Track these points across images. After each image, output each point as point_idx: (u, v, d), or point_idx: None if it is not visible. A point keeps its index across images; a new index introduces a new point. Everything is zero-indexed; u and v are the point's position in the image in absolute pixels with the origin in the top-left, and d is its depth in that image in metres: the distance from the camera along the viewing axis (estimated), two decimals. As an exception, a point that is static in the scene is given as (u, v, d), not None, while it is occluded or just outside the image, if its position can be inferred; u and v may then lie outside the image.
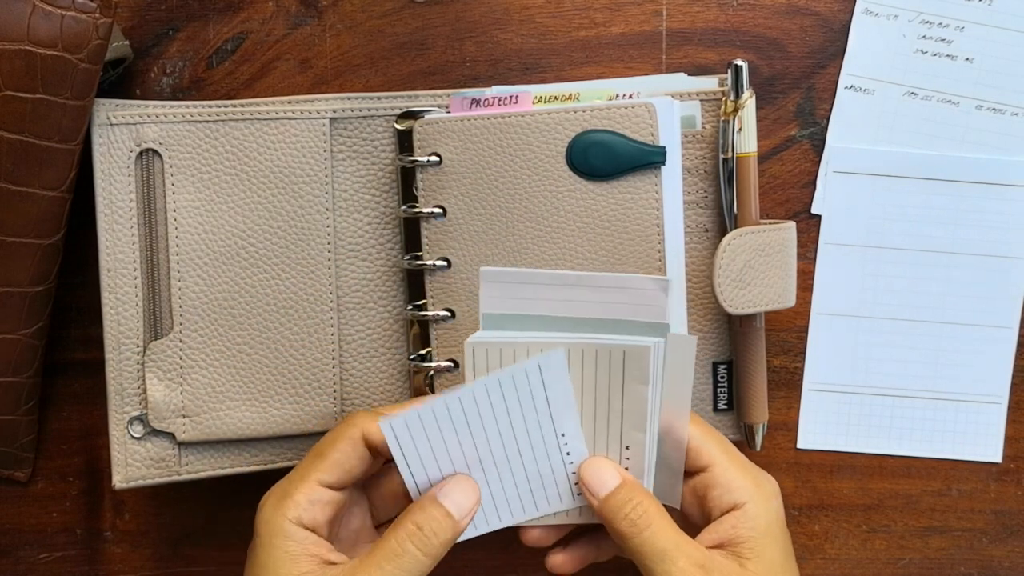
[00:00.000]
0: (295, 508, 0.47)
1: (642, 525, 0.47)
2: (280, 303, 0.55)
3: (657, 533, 0.47)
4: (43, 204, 0.53)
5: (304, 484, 0.48)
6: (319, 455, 0.48)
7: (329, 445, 0.49)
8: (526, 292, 0.49)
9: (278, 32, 0.58)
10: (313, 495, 0.47)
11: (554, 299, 0.49)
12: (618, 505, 0.48)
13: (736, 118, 0.54)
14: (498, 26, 0.58)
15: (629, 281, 0.48)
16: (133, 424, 0.55)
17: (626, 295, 0.48)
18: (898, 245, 0.59)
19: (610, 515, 0.48)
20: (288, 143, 0.54)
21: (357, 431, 0.48)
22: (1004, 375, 0.60)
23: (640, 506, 0.47)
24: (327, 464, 0.48)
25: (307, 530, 0.47)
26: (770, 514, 0.49)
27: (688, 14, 0.58)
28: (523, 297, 0.49)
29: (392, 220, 0.56)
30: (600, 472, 0.49)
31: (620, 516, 0.47)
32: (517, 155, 0.54)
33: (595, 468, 0.49)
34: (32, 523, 0.60)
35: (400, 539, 0.46)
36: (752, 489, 0.49)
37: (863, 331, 0.60)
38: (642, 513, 0.47)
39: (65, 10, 0.51)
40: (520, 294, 0.49)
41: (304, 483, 0.48)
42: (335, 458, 0.48)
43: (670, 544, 0.46)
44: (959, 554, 0.61)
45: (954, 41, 0.58)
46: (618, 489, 0.48)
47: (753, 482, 0.49)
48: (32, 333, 0.55)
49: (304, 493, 0.47)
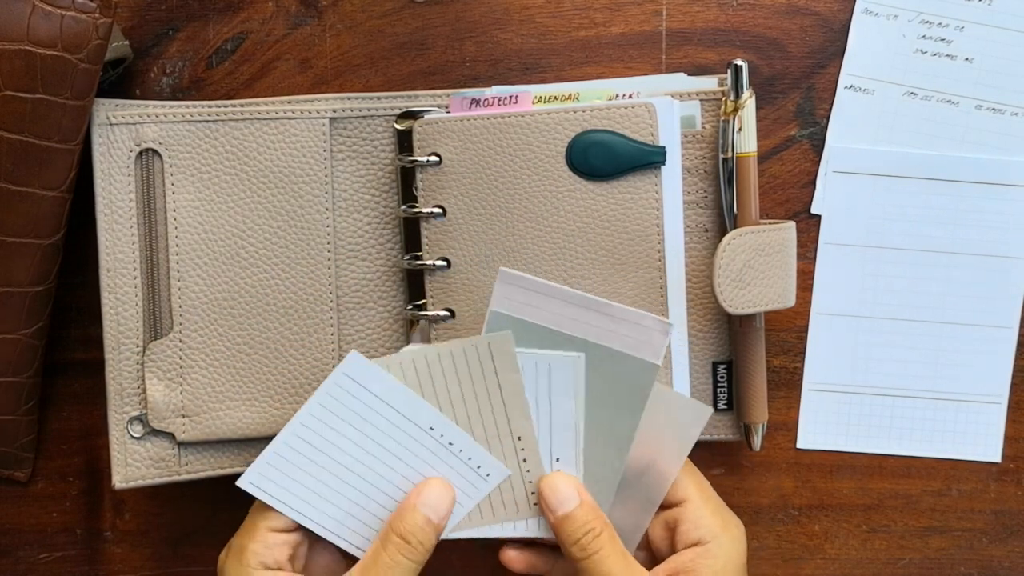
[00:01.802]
0: (254, 556, 0.49)
1: (592, 549, 0.49)
2: (280, 303, 0.55)
3: (607, 558, 0.49)
4: (43, 204, 0.53)
5: (255, 534, 0.50)
6: (262, 507, 0.50)
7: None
8: (539, 302, 0.50)
9: (278, 32, 0.58)
10: (267, 541, 0.49)
11: (562, 315, 0.50)
12: (574, 526, 0.49)
13: (736, 118, 0.54)
14: (498, 26, 0.58)
15: (638, 317, 0.50)
16: (133, 424, 0.55)
17: (630, 329, 0.50)
18: (898, 245, 0.59)
19: (564, 534, 0.49)
20: (288, 143, 0.54)
21: None
22: (1004, 375, 0.60)
23: (594, 531, 0.49)
24: (272, 512, 0.50)
25: (273, 570, 0.49)
26: (730, 556, 0.50)
27: (688, 14, 0.58)
28: (534, 305, 0.50)
29: (392, 220, 0.56)
30: (560, 489, 0.50)
31: (574, 537, 0.49)
32: (517, 155, 0.54)
33: (555, 484, 0.50)
34: (32, 523, 0.60)
35: (391, 552, 0.48)
36: (718, 530, 0.51)
37: (863, 331, 0.60)
38: (594, 538, 0.49)
39: (65, 10, 0.51)
40: (532, 302, 0.50)
41: (255, 533, 0.50)
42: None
43: (617, 569, 0.48)
44: (959, 554, 0.61)
45: (954, 41, 0.58)
46: (575, 510, 0.50)
47: (721, 523, 0.51)
48: (32, 333, 0.55)
49: (258, 542, 0.49)
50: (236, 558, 0.49)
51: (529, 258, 0.54)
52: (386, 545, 0.48)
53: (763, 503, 0.60)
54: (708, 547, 0.50)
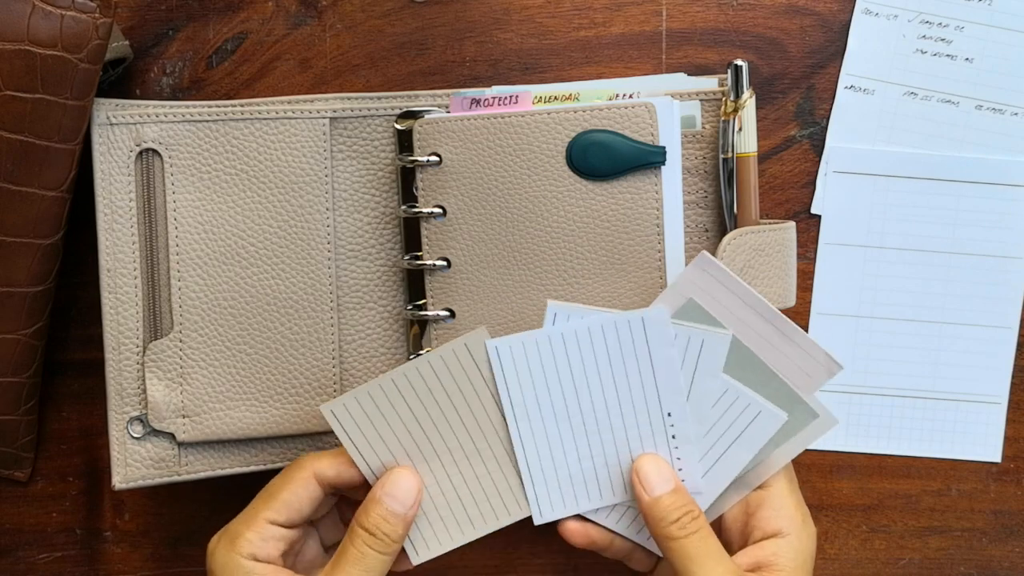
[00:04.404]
0: (247, 545, 0.48)
1: (692, 528, 0.48)
2: (280, 303, 0.55)
3: (707, 539, 0.48)
4: (43, 204, 0.53)
5: (254, 523, 0.49)
6: (269, 495, 0.50)
7: (279, 486, 0.50)
8: (724, 298, 0.50)
9: (278, 32, 0.58)
10: (265, 532, 0.49)
11: (737, 316, 0.50)
12: (671, 507, 0.49)
13: (736, 118, 0.54)
14: (498, 26, 0.58)
15: (811, 347, 0.50)
16: (133, 424, 0.55)
17: (799, 356, 0.50)
18: (898, 245, 0.59)
19: (660, 514, 0.49)
20: (288, 143, 0.54)
21: (308, 472, 0.50)
22: (1004, 375, 0.60)
23: (692, 512, 0.49)
24: (277, 503, 0.49)
25: (263, 562, 0.48)
26: (808, 553, 0.50)
27: (688, 14, 0.58)
28: (717, 300, 0.50)
29: (392, 220, 0.56)
30: (659, 470, 0.50)
31: (670, 518, 0.49)
32: (517, 155, 0.54)
33: (654, 465, 0.50)
34: (32, 523, 0.60)
35: (358, 545, 0.48)
36: (799, 523, 0.50)
37: (863, 331, 0.60)
38: (693, 519, 0.49)
39: (65, 10, 0.51)
40: (718, 296, 0.50)
41: (254, 522, 0.49)
42: (284, 498, 0.49)
43: (713, 551, 0.48)
44: (959, 554, 0.61)
45: (954, 41, 0.58)
46: (673, 492, 0.49)
47: (802, 518, 0.51)
48: (32, 333, 0.55)
49: (255, 531, 0.49)
50: (228, 545, 0.49)
51: (529, 258, 0.54)
52: (353, 538, 0.48)
53: (763, 503, 0.60)
54: (789, 539, 0.50)
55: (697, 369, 0.49)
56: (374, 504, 0.49)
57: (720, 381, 0.50)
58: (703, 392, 0.50)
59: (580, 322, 0.50)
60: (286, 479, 0.50)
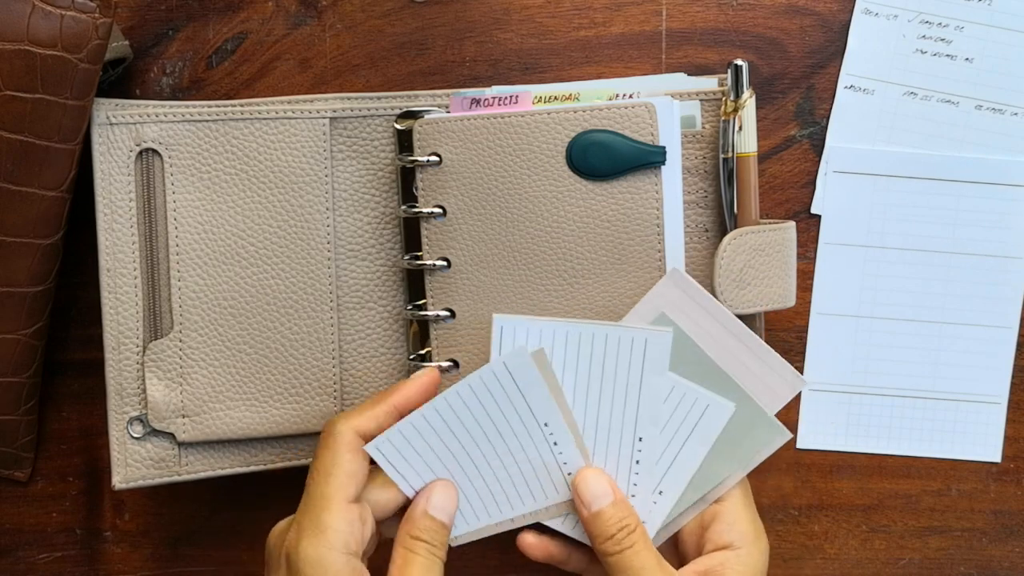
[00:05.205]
0: (338, 536, 0.46)
1: (626, 544, 0.49)
2: (280, 303, 0.55)
3: (640, 553, 0.49)
4: (43, 204, 0.53)
5: (333, 506, 0.46)
6: (327, 473, 0.47)
7: (332, 461, 0.47)
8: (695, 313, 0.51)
9: (278, 32, 0.58)
10: (349, 515, 0.46)
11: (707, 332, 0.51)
12: (607, 522, 0.49)
13: (736, 118, 0.54)
14: (498, 26, 0.58)
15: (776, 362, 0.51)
16: (133, 424, 0.55)
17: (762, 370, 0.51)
18: (898, 245, 0.59)
19: (597, 529, 0.49)
20: (288, 143, 0.54)
21: (351, 435, 0.48)
22: (1004, 375, 0.60)
23: (628, 527, 0.49)
24: (342, 479, 0.47)
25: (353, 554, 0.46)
26: (758, 567, 0.50)
27: (688, 14, 0.58)
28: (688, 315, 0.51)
29: (392, 220, 0.56)
30: (594, 485, 0.50)
31: (609, 532, 0.49)
32: (517, 155, 0.54)
33: (590, 480, 0.50)
34: (32, 523, 0.60)
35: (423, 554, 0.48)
36: (752, 537, 0.51)
37: (863, 331, 0.60)
38: (628, 534, 0.49)
39: (65, 10, 0.51)
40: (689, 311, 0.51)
41: (332, 505, 0.46)
42: (347, 470, 0.47)
43: (648, 564, 0.49)
44: (959, 554, 0.61)
45: (954, 41, 0.58)
46: (613, 504, 0.50)
47: (755, 532, 0.51)
48: (32, 333, 0.55)
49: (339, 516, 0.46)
50: (316, 536, 0.45)
51: (529, 258, 0.54)
52: (415, 550, 0.48)
53: (763, 503, 0.60)
54: (739, 553, 0.50)
55: (644, 369, 0.50)
56: (423, 517, 0.49)
57: (667, 379, 0.50)
58: (653, 391, 0.50)
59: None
60: (334, 451, 0.47)
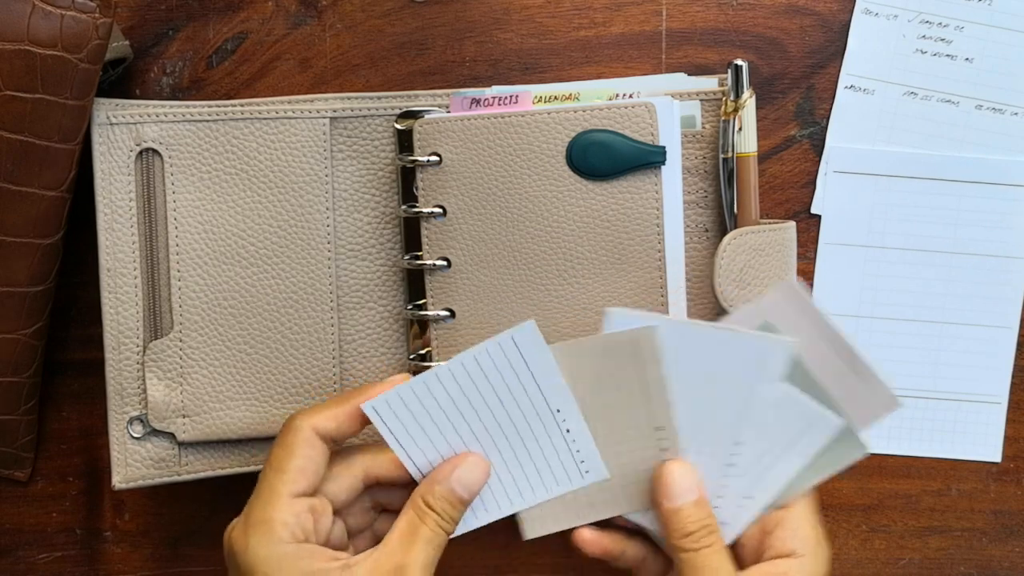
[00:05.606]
0: (284, 529, 0.46)
1: (706, 543, 0.48)
2: (280, 303, 0.55)
3: (718, 553, 0.49)
4: (43, 204, 0.53)
5: (278, 502, 0.46)
6: (279, 469, 0.47)
7: (284, 456, 0.47)
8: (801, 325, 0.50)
9: (278, 32, 0.58)
10: (295, 508, 0.46)
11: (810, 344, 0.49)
12: (688, 518, 0.49)
13: (736, 118, 0.54)
14: (498, 26, 0.58)
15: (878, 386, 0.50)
16: (133, 424, 0.55)
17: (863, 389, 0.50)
18: (898, 245, 0.59)
19: (677, 524, 0.49)
20: (288, 143, 0.54)
21: (308, 431, 0.48)
22: (1004, 375, 0.60)
23: (709, 526, 0.49)
24: (292, 474, 0.47)
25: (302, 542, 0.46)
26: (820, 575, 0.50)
27: (688, 14, 0.58)
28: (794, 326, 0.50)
29: (392, 220, 0.56)
30: (681, 479, 0.50)
31: (688, 529, 0.49)
32: (517, 155, 0.54)
33: (676, 474, 0.50)
34: (32, 523, 0.60)
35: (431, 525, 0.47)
36: (814, 545, 0.50)
37: (863, 331, 0.60)
38: (708, 533, 0.49)
39: (65, 10, 0.51)
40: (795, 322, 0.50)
41: (278, 501, 0.46)
42: (297, 466, 0.47)
43: (724, 567, 0.48)
44: (959, 554, 0.61)
45: (954, 41, 0.58)
46: (696, 503, 0.49)
47: (817, 540, 0.50)
48: (32, 333, 0.55)
49: (285, 511, 0.46)
50: (265, 534, 0.46)
51: (529, 258, 0.54)
52: (424, 518, 0.47)
53: (763, 503, 0.60)
54: (803, 561, 0.49)
55: (757, 375, 0.49)
56: (443, 486, 0.48)
57: (779, 388, 0.49)
58: (762, 398, 0.49)
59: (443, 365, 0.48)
60: (288, 447, 0.47)
